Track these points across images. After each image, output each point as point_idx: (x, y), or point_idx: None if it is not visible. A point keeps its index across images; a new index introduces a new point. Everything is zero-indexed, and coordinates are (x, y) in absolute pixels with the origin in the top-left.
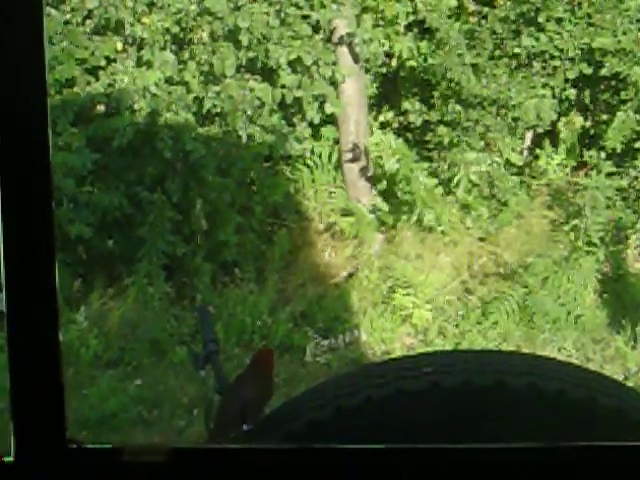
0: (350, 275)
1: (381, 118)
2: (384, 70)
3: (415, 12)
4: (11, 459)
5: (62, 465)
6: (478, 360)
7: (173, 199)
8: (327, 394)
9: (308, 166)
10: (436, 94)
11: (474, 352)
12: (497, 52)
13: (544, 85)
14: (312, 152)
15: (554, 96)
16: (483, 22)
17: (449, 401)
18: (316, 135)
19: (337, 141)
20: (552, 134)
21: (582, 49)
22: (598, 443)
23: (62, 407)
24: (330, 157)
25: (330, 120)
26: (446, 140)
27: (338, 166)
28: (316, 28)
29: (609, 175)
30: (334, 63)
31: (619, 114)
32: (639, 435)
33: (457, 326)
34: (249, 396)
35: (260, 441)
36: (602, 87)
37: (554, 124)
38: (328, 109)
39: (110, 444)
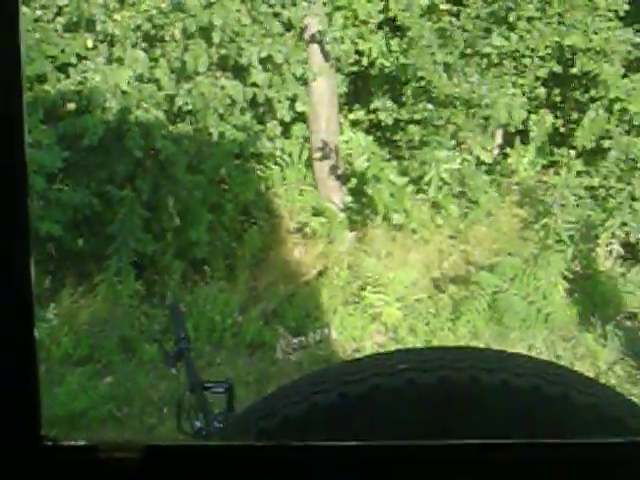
0: (320, 273)
1: (352, 117)
2: (355, 68)
3: (387, 10)
4: None
5: (36, 461)
6: (453, 357)
7: (143, 197)
8: (302, 391)
9: (279, 164)
10: (407, 93)
11: (449, 349)
12: (468, 51)
13: (515, 84)
14: (283, 150)
15: (524, 95)
16: (454, 21)
17: (424, 398)
18: (287, 133)
19: (307, 139)
20: (523, 133)
21: (553, 48)
22: (572, 440)
23: (37, 404)
24: (301, 155)
25: (301, 118)
26: (417, 138)
27: (309, 164)
28: (288, 26)
29: (579, 174)
30: (305, 61)
31: (589, 112)
32: (613, 432)
33: (428, 324)
34: None
35: (233, 439)
36: (572, 85)
37: (525, 123)
38: (299, 107)
39: (84, 441)
